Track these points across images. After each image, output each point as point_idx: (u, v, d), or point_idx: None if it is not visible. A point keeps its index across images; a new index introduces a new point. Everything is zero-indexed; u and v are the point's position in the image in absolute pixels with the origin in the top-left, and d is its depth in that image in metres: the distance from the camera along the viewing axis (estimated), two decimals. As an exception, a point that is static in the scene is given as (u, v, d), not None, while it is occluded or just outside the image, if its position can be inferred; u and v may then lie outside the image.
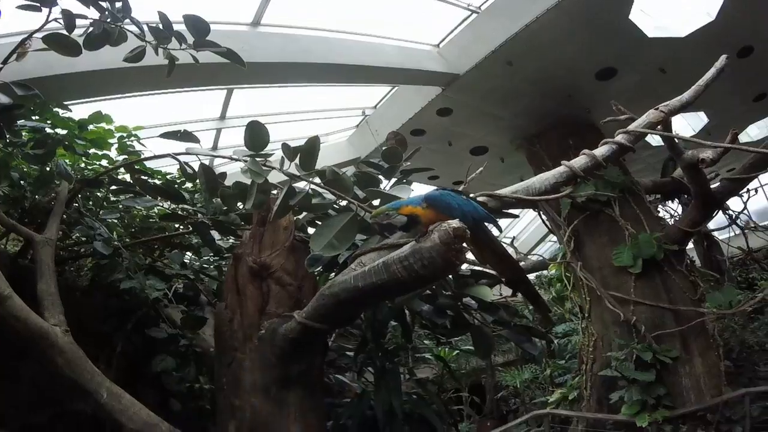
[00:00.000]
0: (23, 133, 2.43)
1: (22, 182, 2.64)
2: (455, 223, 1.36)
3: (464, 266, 2.26)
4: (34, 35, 2.14)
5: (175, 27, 2.24)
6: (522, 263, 5.89)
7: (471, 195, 1.95)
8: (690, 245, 5.49)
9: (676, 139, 3.81)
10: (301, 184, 2.01)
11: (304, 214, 2.40)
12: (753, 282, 7.41)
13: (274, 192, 2.09)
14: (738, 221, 6.11)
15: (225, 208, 2.67)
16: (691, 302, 4.68)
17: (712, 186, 4.57)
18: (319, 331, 1.89)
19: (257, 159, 1.87)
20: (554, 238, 6.85)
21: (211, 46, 2.23)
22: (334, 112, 6.82)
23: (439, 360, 4.90)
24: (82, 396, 1.95)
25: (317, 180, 1.91)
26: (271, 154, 1.88)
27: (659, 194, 5.72)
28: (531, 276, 8.05)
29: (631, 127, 2.07)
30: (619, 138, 2.02)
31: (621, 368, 4.43)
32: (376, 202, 1.98)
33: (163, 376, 2.78)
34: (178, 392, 2.91)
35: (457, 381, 7.82)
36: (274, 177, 1.99)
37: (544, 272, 8.03)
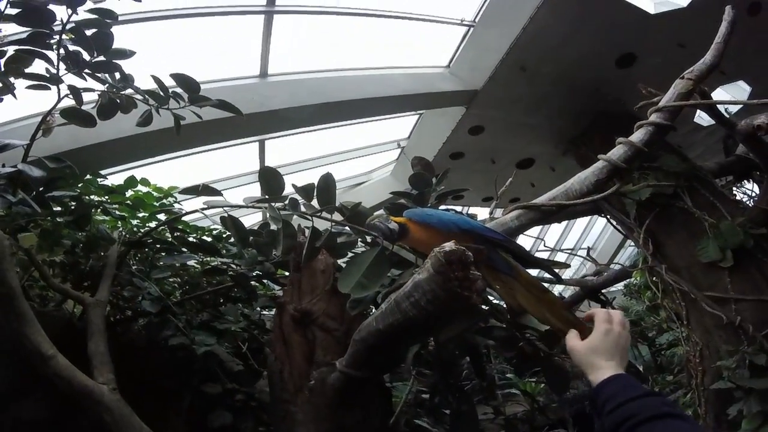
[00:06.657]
0: (69, 203, 2.53)
1: (75, 249, 2.76)
2: (448, 245, 1.11)
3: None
4: (53, 112, 2.24)
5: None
6: (605, 274, 5.50)
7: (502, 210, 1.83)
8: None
9: (719, 107, 3.48)
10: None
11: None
12: None
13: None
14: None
15: (260, 258, 2.68)
16: (798, 288, 3.96)
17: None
18: (361, 380, 1.77)
19: (275, 204, 1.84)
20: (633, 243, 6.28)
21: (204, 100, 2.27)
22: (372, 149, 6.88)
23: (526, 395, 4.50)
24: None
25: (339, 218, 1.86)
26: (287, 198, 1.85)
27: (729, 176, 5.06)
28: (619, 286, 7.59)
29: (662, 103, 1.89)
30: (653, 118, 1.84)
31: (734, 378, 3.78)
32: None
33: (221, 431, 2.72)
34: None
35: (549, 414, 7.26)
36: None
37: (633, 281, 7.37)
